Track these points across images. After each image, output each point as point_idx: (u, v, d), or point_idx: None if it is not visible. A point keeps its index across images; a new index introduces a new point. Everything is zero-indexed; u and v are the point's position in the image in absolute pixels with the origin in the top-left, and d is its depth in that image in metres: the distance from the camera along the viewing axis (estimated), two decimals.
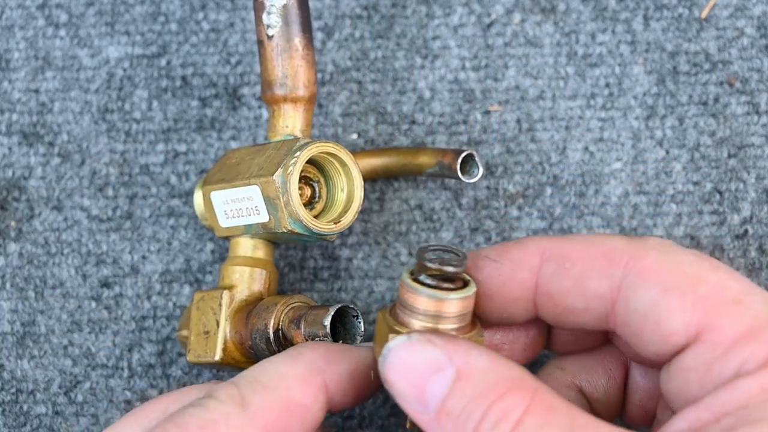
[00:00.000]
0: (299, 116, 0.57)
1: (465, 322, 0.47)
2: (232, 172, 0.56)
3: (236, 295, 0.56)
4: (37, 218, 0.63)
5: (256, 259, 0.57)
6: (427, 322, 0.46)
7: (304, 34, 0.56)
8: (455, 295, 0.46)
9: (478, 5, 0.64)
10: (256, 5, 0.57)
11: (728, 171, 0.62)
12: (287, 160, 0.53)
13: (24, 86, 0.64)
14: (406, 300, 0.47)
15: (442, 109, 0.63)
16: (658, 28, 0.63)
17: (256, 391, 0.47)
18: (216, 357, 0.56)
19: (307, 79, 0.57)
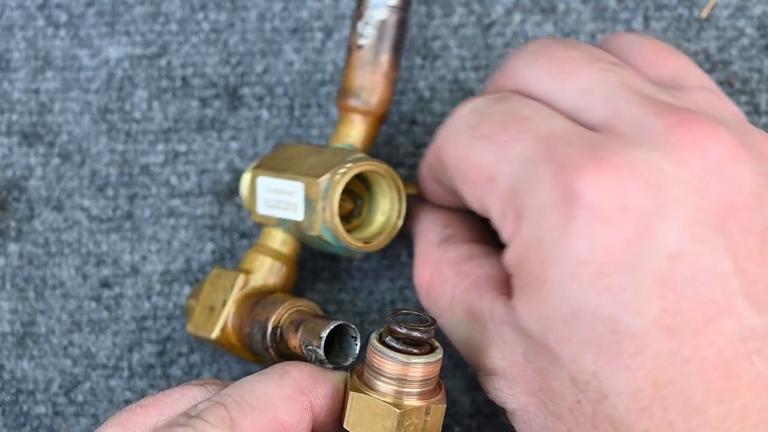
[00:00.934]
0: (364, 130, 0.58)
1: (430, 386, 0.49)
2: (284, 164, 0.57)
3: (251, 281, 0.57)
4: (37, 218, 0.63)
5: (280, 254, 0.57)
6: (392, 385, 0.48)
7: (394, 54, 0.57)
8: (420, 360, 0.48)
9: (478, 5, 0.64)
10: (355, 13, 0.57)
11: None
12: (337, 168, 0.54)
13: (24, 86, 0.64)
14: (372, 362, 0.48)
15: (442, 109, 0.63)
16: (658, 28, 0.63)
17: (244, 413, 0.48)
18: (212, 335, 0.56)
19: (383, 97, 0.57)
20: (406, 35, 0.58)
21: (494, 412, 0.62)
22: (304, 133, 0.63)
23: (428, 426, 0.48)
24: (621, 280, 0.43)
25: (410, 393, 0.48)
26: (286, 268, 0.58)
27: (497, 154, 0.48)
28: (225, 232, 0.63)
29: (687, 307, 0.43)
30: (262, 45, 0.64)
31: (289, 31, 0.64)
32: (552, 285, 0.45)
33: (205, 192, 0.63)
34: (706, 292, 0.43)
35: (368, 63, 0.57)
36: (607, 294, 0.43)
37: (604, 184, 0.44)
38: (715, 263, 0.44)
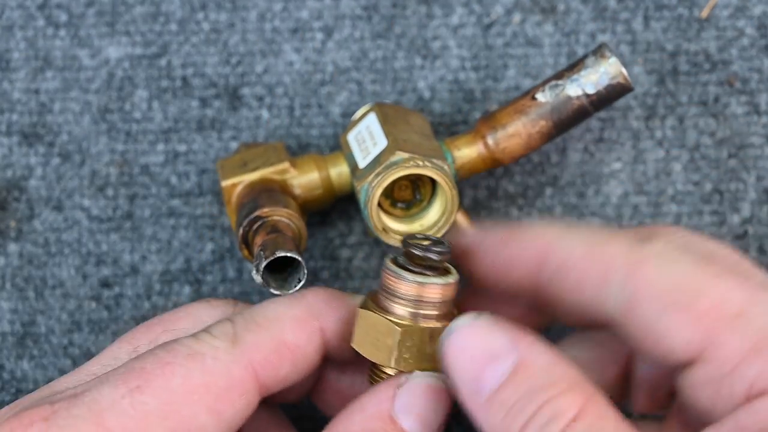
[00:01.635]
0: (474, 157, 0.58)
1: (445, 309, 0.48)
2: (396, 122, 0.58)
3: (287, 174, 0.58)
4: (37, 218, 0.63)
5: (329, 180, 0.58)
6: (408, 307, 0.47)
7: (552, 128, 0.57)
8: (437, 280, 0.47)
9: (478, 5, 0.64)
10: (557, 73, 0.57)
11: (728, 171, 0.62)
12: (411, 159, 0.55)
13: (24, 86, 0.64)
14: (388, 285, 0.48)
15: (442, 109, 0.63)
16: (658, 28, 0.63)
17: (249, 329, 0.48)
18: (223, 183, 0.58)
19: (513, 150, 0.58)
20: (574, 126, 0.58)
21: None
22: (304, 133, 0.63)
23: (416, 348, 0.48)
24: None
25: (424, 316, 0.47)
26: (321, 192, 0.58)
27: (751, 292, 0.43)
28: (225, 232, 0.63)
29: None
30: (262, 45, 0.64)
31: (289, 31, 0.64)
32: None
33: (205, 192, 0.63)
34: None
35: (527, 116, 0.57)
36: None
37: None
38: None
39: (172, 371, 0.46)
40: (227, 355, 0.47)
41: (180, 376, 0.46)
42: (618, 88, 0.56)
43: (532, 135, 0.57)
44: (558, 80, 0.57)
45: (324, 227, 0.63)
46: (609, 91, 0.56)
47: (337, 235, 0.63)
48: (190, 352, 0.47)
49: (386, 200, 0.57)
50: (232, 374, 0.47)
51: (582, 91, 0.56)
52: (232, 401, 0.47)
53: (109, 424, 0.44)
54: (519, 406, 0.43)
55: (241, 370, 0.47)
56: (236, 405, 0.47)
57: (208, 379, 0.46)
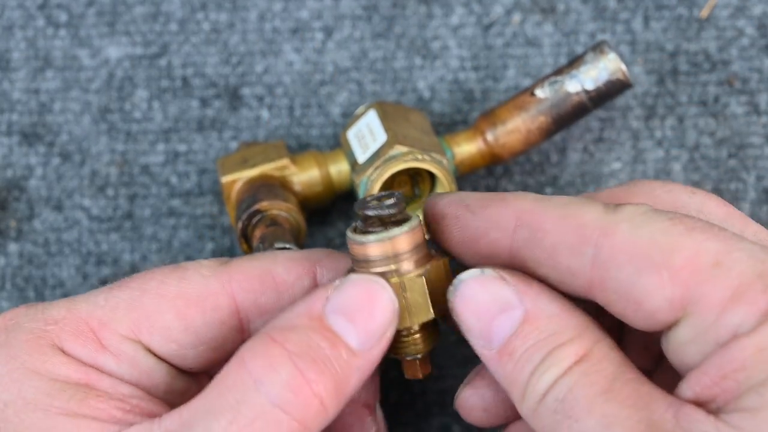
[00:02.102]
0: (473, 154, 0.58)
1: (421, 254, 0.47)
2: (397, 118, 0.58)
3: (287, 171, 0.58)
4: (37, 218, 0.63)
5: (329, 177, 0.59)
6: (385, 266, 0.46)
7: (552, 124, 0.57)
8: (400, 229, 0.46)
9: (478, 5, 0.64)
10: (556, 69, 0.58)
11: (728, 171, 0.62)
12: (420, 151, 0.55)
13: (24, 86, 0.64)
14: (357, 254, 0.47)
15: (442, 109, 0.63)
16: (658, 28, 0.63)
17: (242, 260, 0.49)
18: (223, 179, 0.58)
19: (512, 146, 0.58)
20: (573, 123, 0.58)
21: None
22: (304, 133, 0.63)
23: (411, 302, 0.47)
24: None
25: (407, 268, 0.46)
26: (321, 188, 0.58)
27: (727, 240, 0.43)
28: (225, 232, 0.63)
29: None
30: (262, 45, 0.64)
31: (289, 31, 0.64)
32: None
33: (205, 192, 0.63)
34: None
35: (526, 112, 0.57)
36: None
37: None
38: None
39: (152, 277, 0.48)
40: (209, 270, 0.48)
41: (157, 281, 0.48)
42: (617, 84, 0.56)
43: (532, 131, 0.57)
44: (557, 76, 0.57)
45: (324, 227, 0.63)
46: (608, 87, 0.57)
47: (337, 235, 0.63)
48: (176, 267, 0.48)
49: None
50: (208, 286, 0.48)
51: (581, 87, 0.57)
52: (203, 311, 0.48)
53: (79, 309, 0.47)
54: (526, 356, 0.43)
55: (217, 284, 0.48)
56: (207, 317, 0.48)
57: (184, 285, 0.48)
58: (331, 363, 0.44)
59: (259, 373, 0.43)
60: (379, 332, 0.45)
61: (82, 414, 0.44)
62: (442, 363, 0.63)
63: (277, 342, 0.43)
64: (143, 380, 0.47)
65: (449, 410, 0.62)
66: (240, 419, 0.42)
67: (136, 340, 0.47)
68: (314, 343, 0.44)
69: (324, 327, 0.44)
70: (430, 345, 0.49)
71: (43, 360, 0.45)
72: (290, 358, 0.43)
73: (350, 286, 0.45)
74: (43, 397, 0.44)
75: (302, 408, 0.42)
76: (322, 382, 0.43)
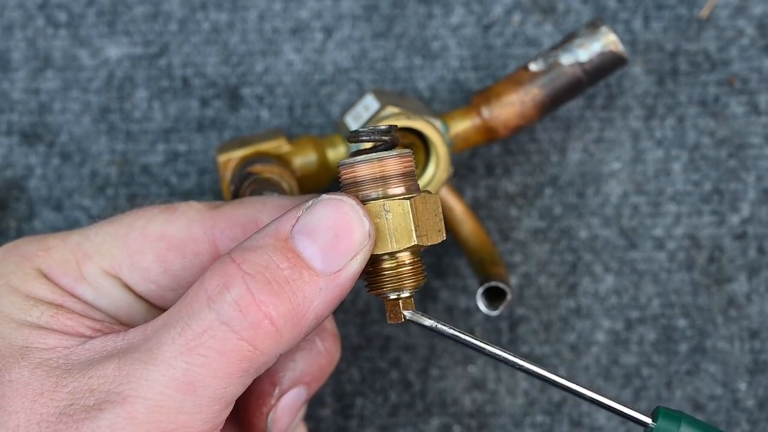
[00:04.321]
0: (467, 128, 0.58)
1: (410, 183, 0.46)
2: (392, 100, 0.58)
3: (282, 150, 0.58)
4: (37, 218, 0.63)
5: (325, 159, 0.59)
6: (377, 190, 0.46)
7: (546, 97, 0.58)
8: (389, 153, 0.46)
9: (478, 5, 0.64)
10: (555, 44, 0.58)
11: (728, 171, 0.63)
12: (410, 112, 0.56)
13: (24, 86, 0.64)
14: (347, 178, 0.46)
15: (442, 108, 0.63)
16: (658, 28, 0.63)
17: (232, 205, 0.50)
18: (219, 158, 0.58)
19: (508, 120, 0.58)
20: (570, 99, 0.58)
21: (495, 411, 0.62)
22: (304, 133, 0.63)
23: (393, 225, 0.46)
24: None
25: (396, 192, 0.46)
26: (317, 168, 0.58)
27: None
28: None
29: None
30: (262, 45, 0.64)
31: (289, 31, 0.64)
32: None
33: (205, 192, 0.63)
34: None
35: (520, 85, 0.58)
36: None
37: None
38: None
39: (142, 215, 0.49)
40: (196, 213, 0.49)
41: (145, 219, 0.49)
42: (610, 56, 0.57)
43: (526, 104, 0.58)
44: (552, 51, 0.58)
45: None
46: (602, 59, 0.57)
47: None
48: (167, 206, 0.50)
49: None
50: (191, 231, 0.49)
51: (575, 60, 0.57)
52: (182, 255, 0.49)
53: (70, 240, 0.49)
54: None
55: (200, 230, 0.49)
56: (186, 261, 0.49)
57: (167, 228, 0.49)
58: (288, 284, 0.44)
59: (212, 290, 0.43)
60: (347, 254, 0.45)
61: (49, 327, 0.46)
62: (442, 363, 0.63)
63: (235, 262, 0.44)
64: (120, 314, 0.49)
65: (449, 410, 0.62)
66: (188, 332, 0.43)
67: (115, 276, 0.49)
68: (273, 264, 0.44)
69: (287, 248, 0.44)
70: (416, 281, 0.47)
71: (24, 280, 0.48)
72: (243, 278, 0.43)
73: (320, 206, 0.45)
74: (18, 311, 0.47)
75: (251, 328, 0.43)
76: (272, 304, 0.43)
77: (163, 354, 0.43)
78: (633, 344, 0.62)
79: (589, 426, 0.62)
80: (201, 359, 0.43)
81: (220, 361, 0.43)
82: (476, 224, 0.59)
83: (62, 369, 0.45)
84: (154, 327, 0.44)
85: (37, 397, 0.44)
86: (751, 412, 0.62)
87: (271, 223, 0.45)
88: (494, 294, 0.56)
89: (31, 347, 0.45)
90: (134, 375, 0.43)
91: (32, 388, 0.44)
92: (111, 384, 0.43)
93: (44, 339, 0.46)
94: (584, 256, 0.63)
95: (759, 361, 0.62)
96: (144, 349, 0.43)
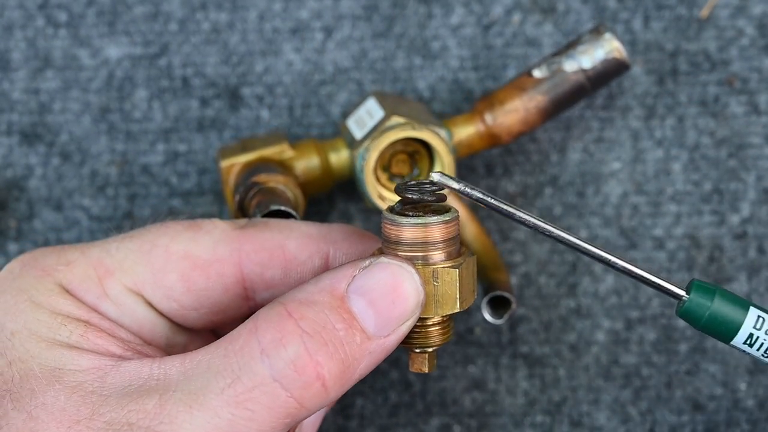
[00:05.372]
0: (470, 135, 0.59)
1: (453, 247, 0.47)
2: (392, 103, 0.58)
3: (285, 156, 0.58)
4: (37, 218, 0.63)
5: (328, 164, 0.59)
6: (415, 252, 0.46)
7: (550, 104, 0.58)
8: (438, 218, 0.46)
9: (478, 5, 0.64)
10: (557, 50, 0.58)
11: (728, 171, 0.63)
12: (417, 122, 0.55)
13: (24, 86, 0.64)
14: (391, 235, 0.47)
15: (442, 108, 0.63)
16: (657, 28, 0.63)
17: (258, 225, 0.49)
18: (222, 163, 0.58)
19: (511, 126, 0.58)
20: (573, 105, 0.58)
21: (495, 411, 0.62)
22: (304, 133, 0.63)
23: (441, 292, 0.46)
24: None
25: (436, 257, 0.46)
26: (319, 173, 0.58)
27: None
28: None
29: None
30: (262, 45, 0.64)
31: (289, 31, 0.64)
32: None
33: (205, 191, 0.63)
34: None
35: (524, 91, 0.57)
36: None
37: None
38: None
39: (165, 231, 0.49)
40: (221, 233, 0.49)
41: (169, 237, 0.48)
42: (614, 63, 0.57)
43: (530, 110, 0.58)
44: (555, 57, 0.58)
45: None
46: (605, 66, 0.57)
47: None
48: (191, 224, 0.49)
49: (384, 174, 0.57)
50: (216, 252, 0.48)
51: (578, 67, 0.57)
52: (207, 276, 0.48)
53: (91, 254, 0.48)
54: None
55: (225, 251, 0.48)
56: (210, 282, 0.48)
57: (192, 247, 0.48)
58: (342, 346, 0.44)
59: (267, 344, 0.43)
60: (399, 320, 0.45)
61: (81, 347, 0.45)
62: (442, 363, 0.63)
63: (293, 317, 0.43)
64: (143, 331, 0.48)
65: (449, 410, 0.62)
66: (238, 385, 0.42)
67: (138, 294, 0.48)
68: (329, 324, 0.44)
69: (343, 308, 0.44)
70: (443, 340, 0.48)
71: (48, 295, 0.47)
72: (301, 336, 0.43)
73: (379, 269, 0.45)
74: (46, 329, 0.45)
75: (302, 387, 0.43)
76: (328, 365, 0.43)
77: (210, 402, 0.42)
78: (633, 344, 0.62)
79: (589, 426, 0.62)
80: (248, 413, 0.42)
81: (266, 416, 0.43)
82: (479, 228, 0.59)
83: (98, 395, 0.44)
84: (195, 365, 0.43)
85: (74, 424, 0.43)
86: (751, 412, 0.62)
87: (325, 276, 0.45)
88: (498, 302, 0.56)
89: (64, 369, 0.44)
90: (177, 417, 0.42)
91: (68, 414, 0.43)
92: (151, 421, 0.42)
93: (77, 360, 0.45)
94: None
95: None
96: (187, 390, 0.43)
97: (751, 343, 0.46)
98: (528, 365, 0.62)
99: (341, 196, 0.63)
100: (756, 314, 0.46)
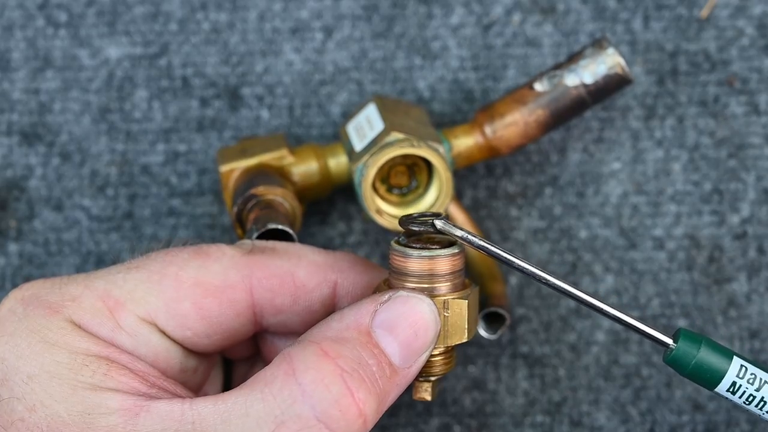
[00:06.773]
0: (470, 146, 0.58)
1: (458, 279, 0.48)
2: (393, 111, 0.58)
3: (285, 161, 0.58)
4: (37, 218, 0.63)
5: (327, 170, 0.59)
6: (422, 283, 0.47)
7: (550, 118, 0.58)
8: (445, 251, 0.48)
9: (478, 5, 0.64)
10: (555, 65, 0.58)
11: (728, 171, 0.63)
12: (416, 138, 0.55)
13: (24, 86, 0.64)
14: (396, 265, 0.48)
15: (441, 108, 0.63)
16: (657, 28, 0.63)
17: (266, 252, 0.49)
18: (222, 168, 0.58)
19: (510, 139, 0.58)
20: (573, 118, 0.58)
21: (495, 411, 0.62)
22: (304, 133, 0.63)
23: (450, 322, 0.48)
24: None
25: (441, 288, 0.47)
26: (319, 179, 0.58)
27: None
28: (225, 232, 0.63)
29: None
30: (262, 45, 0.64)
31: (289, 31, 0.64)
32: None
33: (205, 191, 0.63)
34: None
35: (524, 105, 0.57)
36: None
37: None
38: None
39: (171, 260, 0.48)
40: (230, 260, 0.49)
41: (177, 266, 0.48)
42: (616, 78, 0.57)
43: (530, 124, 0.57)
44: (556, 71, 0.57)
45: (324, 227, 0.63)
46: (607, 81, 0.57)
47: (337, 235, 0.63)
48: (197, 250, 0.49)
49: (383, 186, 0.57)
50: (228, 278, 0.48)
51: (580, 81, 0.57)
52: (219, 302, 0.48)
53: (96, 287, 0.47)
54: None
55: (237, 277, 0.48)
56: (223, 308, 0.48)
57: (203, 275, 0.48)
58: (377, 381, 0.44)
59: (308, 385, 0.43)
60: (421, 351, 0.46)
61: (105, 387, 0.44)
62: None
63: (329, 357, 0.44)
64: (159, 360, 0.48)
65: (449, 410, 0.62)
66: (283, 429, 0.42)
67: (152, 323, 0.48)
68: (363, 360, 0.44)
69: (372, 343, 0.45)
70: (447, 369, 0.49)
71: (62, 334, 0.45)
72: (341, 375, 0.43)
73: (399, 302, 0.46)
74: (67, 371, 0.44)
75: (346, 426, 0.43)
76: (368, 402, 0.44)
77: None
78: (633, 344, 0.62)
79: (589, 426, 0.62)
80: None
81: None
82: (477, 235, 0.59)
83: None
84: (231, 408, 0.43)
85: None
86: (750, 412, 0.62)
87: (348, 313, 0.46)
88: (493, 317, 0.57)
89: (93, 413, 0.43)
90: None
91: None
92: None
93: (105, 402, 0.44)
94: (584, 256, 0.63)
95: (759, 360, 0.62)
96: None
97: (734, 390, 0.48)
98: (528, 365, 0.62)
99: (341, 196, 0.63)
100: (739, 363, 0.48)
